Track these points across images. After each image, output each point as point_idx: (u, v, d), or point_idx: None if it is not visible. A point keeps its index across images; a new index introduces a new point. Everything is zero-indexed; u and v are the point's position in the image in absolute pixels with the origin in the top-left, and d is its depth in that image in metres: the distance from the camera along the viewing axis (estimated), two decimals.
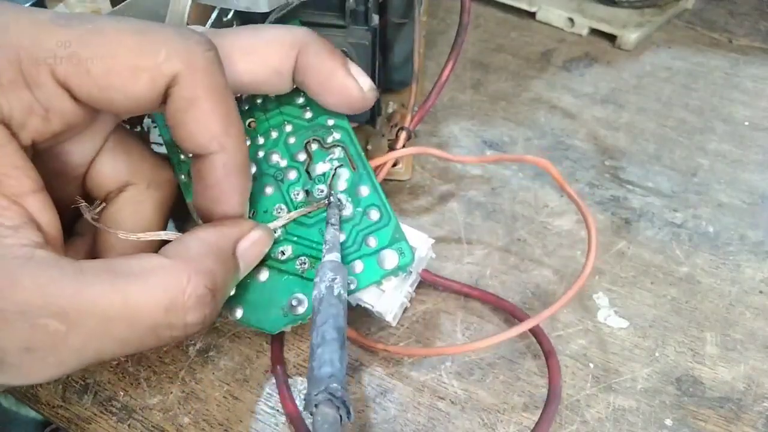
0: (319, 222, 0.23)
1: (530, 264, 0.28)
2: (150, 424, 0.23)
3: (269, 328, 0.22)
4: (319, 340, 0.19)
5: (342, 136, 0.24)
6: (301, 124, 0.24)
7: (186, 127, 0.19)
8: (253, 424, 0.23)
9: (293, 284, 0.22)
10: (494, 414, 0.24)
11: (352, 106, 0.23)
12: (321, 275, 0.20)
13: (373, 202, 0.23)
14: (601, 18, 0.41)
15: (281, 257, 0.22)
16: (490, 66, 0.40)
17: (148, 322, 0.16)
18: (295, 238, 0.22)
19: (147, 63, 0.17)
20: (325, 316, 0.19)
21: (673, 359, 0.25)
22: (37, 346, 0.15)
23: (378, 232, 0.22)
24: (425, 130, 0.35)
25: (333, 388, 0.18)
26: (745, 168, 0.33)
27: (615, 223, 0.30)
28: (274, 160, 0.23)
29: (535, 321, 0.23)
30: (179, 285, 0.17)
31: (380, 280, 0.22)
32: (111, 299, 0.16)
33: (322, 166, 0.23)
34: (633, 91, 0.38)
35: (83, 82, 0.17)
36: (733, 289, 0.28)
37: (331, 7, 0.26)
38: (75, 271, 0.16)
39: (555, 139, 0.34)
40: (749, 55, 0.40)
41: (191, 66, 0.18)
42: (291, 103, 0.24)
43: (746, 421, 0.23)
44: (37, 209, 0.17)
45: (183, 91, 0.18)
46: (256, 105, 0.24)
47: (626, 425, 0.23)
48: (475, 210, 0.31)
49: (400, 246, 0.22)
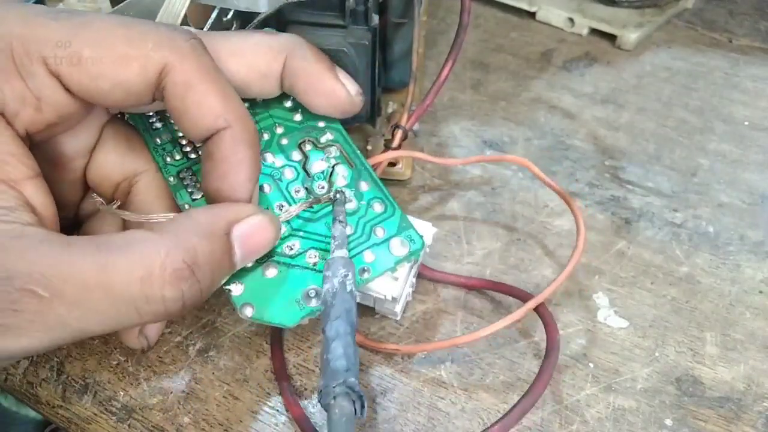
0: (325, 216, 0.23)
1: (530, 264, 0.28)
2: (150, 424, 0.23)
3: (287, 321, 0.21)
4: (333, 334, 0.19)
5: (335, 136, 0.24)
6: (292, 126, 0.24)
7: (188, 115, 0.19)
8: (253, 424, 0.23)
9: (306, 277, 0.22)
10: (494, 414, 0.24)
11: (340, 110, 0.23)
12: (333, 270, 0.20)
13: (376, 195, 0.23)
14: (601, 18, 0.41)
15: (289, 252, 0.22)
16: (490, 66, 0.40)
17: (124, 294, 0.16)
18: (302, 233, 0.22)
19: (136, 52, 0.18)
20: (338, 310, 0.19)
21: (673, 359, 0.25)
22: (23, 308, 0.16)
23: (385, 222, 0.23)
24: (425, 130, 0.35)
25: (351, 383, 0.18)
26: (745, 168, 0.33)
27: (615, 223, 0.30)
28: (269, 159, 0.23)
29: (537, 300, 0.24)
30: (156, 256, 0.17)
31: (394, 266, 0.22)
32: (89, 268, 0.16)
33: (319, 164, 0.23)
34: (633, 91, 0.38)
35: (74, 71, 0.18)
36: (733, 289, 0.28)
37: (331, 7, 0.26)
38: (62, 243, 0.16)
39: (555, 139, 0.34)
40: (749, 55, 0.40)
41: (179, 52, 0.18)
42: (279, 106, 0.24)
43: (746, 421, 0.23)
44: (33, 194, 0.18)
45: (176, 77, 0.18)
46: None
47: (626, 425, 0.23)
48: (475, 210, 0.31)
49: (409, 233, 0.23)
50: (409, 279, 0.25)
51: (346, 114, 0.24)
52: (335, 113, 0.24)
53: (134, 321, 0.17)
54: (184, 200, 0.22)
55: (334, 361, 0.18)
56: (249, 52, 0.22)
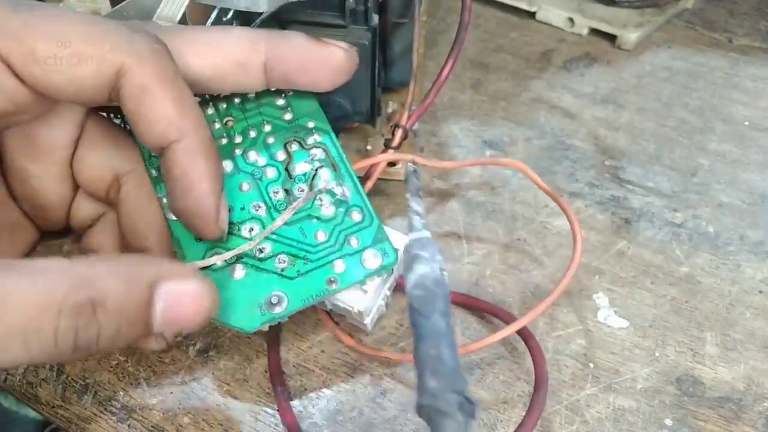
0: (299, 220, 0.22)
1: (530, 264, 0.28)
2: (150, 424, 0.23)
3: (246, 326, 0.21)
4: (441, 328, 0.16)
5: (323, 138, 0.23)
6: (280, 125, 0.24)
7: (142, 120, 0.19)
8: (253, 424, 0.23)
9: (272, 282, 0.21)
10: (494, 414, 0.24)
11: (345, 70, 0.22)
12: (430, 252, 0.18)
13: (356, 203, 0.22)
14: (601, 18, 0.41)
15: (259, 255, 0.22)
16: (490, 66, 0.40)
17: (17, 319, 0.15)
18: (274, 236, 0.22)
19: (92, 51, 0.18)
20: (443, 303, 0.17)
21: (673, 359, 0.25)
22: None
23: (360, 232, 0.22)
24: (425, 129, 0.35)
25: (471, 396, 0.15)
26: (745, 168, 0.33)
27: (615, 223, 0.30)
28: (252, 158, 0.23)
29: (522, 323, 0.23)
30: (61, 286, 0.16)
31: (363, 279, 0.22)
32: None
33: (302, 165, 0.23)
34: (633, 91, 0.38)
35: (27, 62, 0.18)
36: (733, 289, 0.28)
37: (331, 6, 0.26)
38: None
39: (555, 139, 0.34)
40: (749, 55, 0.40)
41: (137, 56, 0.18)
42: (271, 104, 0.24)
43: (746, 421, 0.23)
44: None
45: (133, 80, 0.18)
46: (234, 104, 0.24)
47: (626, 425, 0.23)
48: (475, 210, 0.31)
49: (383, 246, 0.22)
50: (383, 292, 0.23)
51: (346, 75, 0.23)
52: (340, 77, 0.22)
53: (19, 354, 0.16)
54: (162, 194, 0.22)
55: (448, 362, 0.15)
56: (226, 43, 0.21)
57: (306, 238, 0.22)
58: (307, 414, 0.23)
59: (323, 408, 0.24)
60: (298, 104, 0.24)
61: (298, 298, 0.21)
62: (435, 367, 0.15)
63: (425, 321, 0.16)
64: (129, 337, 0.17)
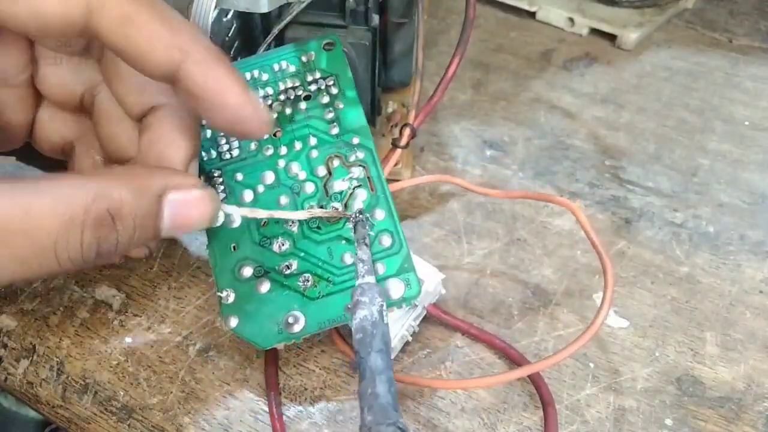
0: (329, 240, 0.22)
1: (530, 264, 0.28)
2: (150, 424, 0.23)
3: (261, 343, 0.21)
4: (377, 367, 0.18)
5: (365, 156, 0.23)
6: (326, 139, 0.24)
7: (137, 52, 0.18)
8: (253, 424, 0.23)
9: (293, 301, 0.21)
10: (494, 414, 0.24)
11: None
12: (370, 297, 0.19)
13: (387, 228, 0.22)
14: (601, 18, 0.41)
15: (286, 271, 0.22)
16: (490, 66, 0.40)
17: (45, 237, 0.16)
18: (303, 253, 0.22)
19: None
20: (380, 342, 0.18)
21: (673, 359, 0.25)
22: None
23: (387, 259, 0.22)
24: (425, 129, 0.35)
25: (402, 424, 0.17)
26: (745, 168, 0.33)
27: (615, 223, 0.30)
28: (294, 171, 0.23)
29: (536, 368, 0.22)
30: (81, 200, 0.16)
31: None
32: (12, 211, 0.16)
33: (340, 184, 0.23)
34: (633, 91, 0.38)
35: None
36: (733, 289, 0.28)
37: (331, 7, 0.26)
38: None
39: (555, 139, 0.34)
40: (749, 55, 0.40)
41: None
42: (320, 117, 0.24)
43: (746, 421, 0.23)
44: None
45: (111, 12, 0.17)
46: (284, 115, 0.24)
47: (626, 425, 0.23)
48: (475, 210, 0.31)
49: (408, 277, 0.21)
50: (407, 322, 0.23)
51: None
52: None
53: (51, 269, 0.17)
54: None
55: (381, 397, 0.17)
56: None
57: (333, 259, 0.22)
58: (307, 414, 0.23)
59: (323, 408, 0.24)
60: (347, 119, 0.24)
61: (315, 322, 0.21)
62: (370, 402, 0.17)
63: (363, 361, 0.18)
64: (140, 241, 0.18)
